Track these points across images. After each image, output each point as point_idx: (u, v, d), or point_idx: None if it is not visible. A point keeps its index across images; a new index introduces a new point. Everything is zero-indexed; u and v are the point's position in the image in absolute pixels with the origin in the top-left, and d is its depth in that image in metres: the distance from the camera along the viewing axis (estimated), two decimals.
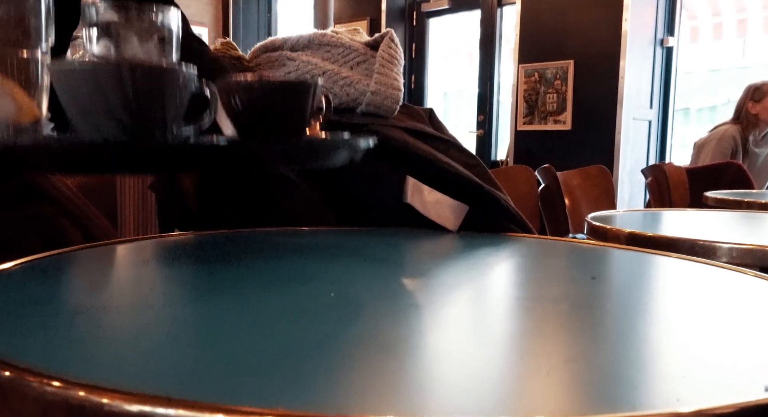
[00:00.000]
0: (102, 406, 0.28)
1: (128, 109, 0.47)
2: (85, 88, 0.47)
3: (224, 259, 0.65)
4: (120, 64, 0.47)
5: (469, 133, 5.06)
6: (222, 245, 0.74)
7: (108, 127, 0.48)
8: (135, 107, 0.48)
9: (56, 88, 0.48)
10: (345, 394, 0.31)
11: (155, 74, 0.49)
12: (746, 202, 1.87)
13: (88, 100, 0.47)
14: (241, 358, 0.36)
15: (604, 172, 2.66)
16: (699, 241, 0.99)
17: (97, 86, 0.46)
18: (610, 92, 4.12)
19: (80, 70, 0.47)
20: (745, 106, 3.25)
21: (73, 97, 0.48)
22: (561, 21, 4.30)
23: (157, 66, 0.50)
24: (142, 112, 0.48)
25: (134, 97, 0.47)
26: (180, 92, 0.50)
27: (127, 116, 0.48)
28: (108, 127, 0.48)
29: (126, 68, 0.47)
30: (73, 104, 0.48)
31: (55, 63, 0.48)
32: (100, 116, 0.48)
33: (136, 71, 0.47)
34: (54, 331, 0.39)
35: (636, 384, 0.34)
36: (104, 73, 0.47)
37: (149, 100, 0.49)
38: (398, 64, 1.05)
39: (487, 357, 0.38)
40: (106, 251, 0.68)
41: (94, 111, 0.48)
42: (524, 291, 0.58)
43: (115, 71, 0.47)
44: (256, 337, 0.40)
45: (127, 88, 0.47)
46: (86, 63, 0.48)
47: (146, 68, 0.49)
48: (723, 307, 0.55)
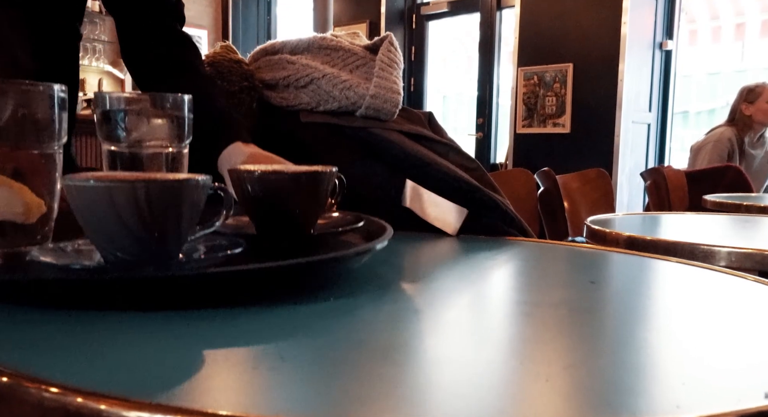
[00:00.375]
0: (100, 412, 0.28)
1: (143, 225, 0.47)
2: (99, 205, 0.46)
3: None
4: (135, 182, 0.46)
5: (469, 136, 5.06)
6: None
7: (121, 241, 0.47)
8: (150, 223, 0.47)
9: (70, 202, 0.47)
10: (343, 399, 0.31)
11: (170, 190, 0.48)
12: (745, 206, 1.88)
13: (102, 216, 0.47)
14: (239, 364, 0.36)
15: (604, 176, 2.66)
16: (698, 245, 0.99)
17: (111, 204, 0.46)
18: (609, 95, 4.13)
19: (94, 187, 0.46)
20: (739, 108, 3.25)
21: (86, 213, 0.47)
22: (560, 24, 4.31)
23: (172, 182, 0.49)
24: (157, 227, 0.48)
25: (149, 213, 0.46)
26: (195, 203, 0.49)
27: (142, 231, 0.47)
28: (121, 241, 0.47)
29: (141, 187, 0.46)
30: (86, 219, 0.48)
31: (68, 178, 0.47)
32: (113, 231, 0.47)
33: (151, 189, 0.46)
34: (52, 337, 0.39)
35: (636, 390, 0.34)
36: (119, 191, 0.46)
37: (165, 216, 0.48)
38: (398, 67, 1.05)
39: (487, 362, 0.37)
40: None
41: (107, 227, 0.47)
42: (523, 295, 0.58)
43: (130, 189, 0.46)
44: (254, 344, 0.40)
45: (141, 206, 0.46)
46: (101, 180, 0.46)
47: (161, 185, 0.48)
48: (722, 312, 0.55)
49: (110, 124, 0.62)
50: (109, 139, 0.63)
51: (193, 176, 0.49)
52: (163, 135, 0.64)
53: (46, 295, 0.45)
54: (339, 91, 1.00)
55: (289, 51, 1.08)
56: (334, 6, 3.99)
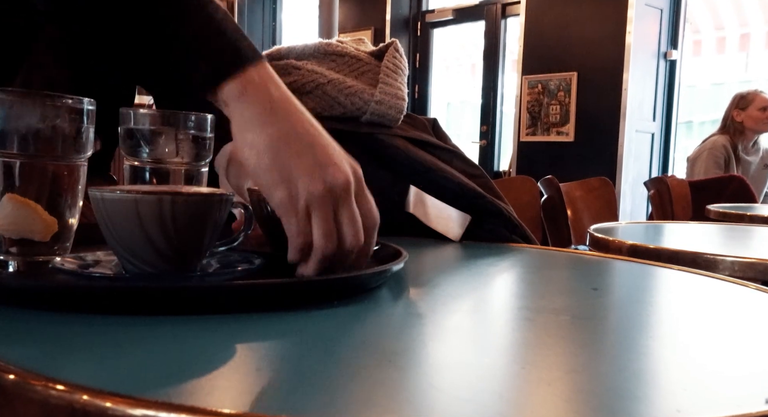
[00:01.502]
0: (106, 410, 0.28)
1: (166, 238, 0.48)
2: (124, 216, 0.47)
3: None
4: (161, 195, 0.47)
5: (472, 143, 5.07)
6: None
7: (143, 253, 0.48)
8: (173, 236, 0.48)
9: (95, 212, 0.48)
10: (346, 402, 0.31)
11: (195, 204, 0.49)
12: (748, 216, 1.88)
13: (126, 227, 0.47)
14: (243, 365, 0.36)
15: (607, 184, 2.66)
16: (701, 254, 0.99)
17: (135, 215, 0.47)
18: (613, 104, 4.14)
19: (120, 199, 0.47)
20: (731, 115, 3.26)
21: (111, 224, 0.48)
22: (565, 33, 4.32)
23: (197, 196, 0.49)
24: (180, 240, 0.48)
25: (173, 226, 0.47)
26: (218, 218, 0.50)
27: (164, 243, 0.48)
28: (143, 253, 0.48)
29: (167, 200, 0.47)
30: (110, 230, 0.48)
31: (94, 189, 0.47)
32: (136, 243, 0.48)
33: (176, 202, 0.47)
34: (58, 335, 0.40)
35: (637, 395, 0.34)
36: (144, 204, 0.47)
37: (188, 230, 0.49)
38: (403, 74, 1.06)
39: (489, 367, 0.38)
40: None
41: (130, 238, 0.48)
42: (525, 301, 0.58)
43: (155, 202, 0.47)
44: (258, 346, 0.40)
45: (165, 219, 0.47)
46: (128, 191, 0.47)
47: (186, 198, 0.48)
48: (724, 320, 0.55)
49: (133, 140, 0.63)
50: (131, 154, 0.64)
51: (217, 191, 0.50)
52: (184, 153, 0.65)
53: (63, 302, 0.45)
54: (344, 97, 1.01)
55: (295, 56, 1.08)
56: (340, 13, 4.01)
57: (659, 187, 2.73)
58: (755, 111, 3.20)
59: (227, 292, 0.47)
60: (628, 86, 4.08)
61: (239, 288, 0.48)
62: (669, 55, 4.30)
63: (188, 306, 0.45)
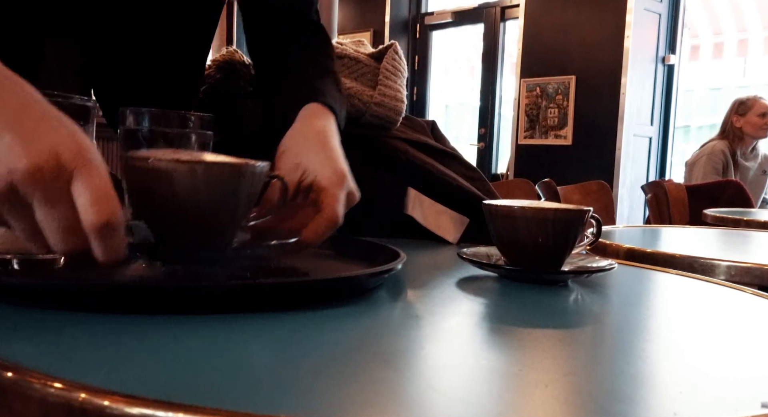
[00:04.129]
0: (103, 408, 0.28)
1: (200, 211, 0.45)
2: (157, 186, 0.44)
3: None
4: (195, 164, 0.44)
5: (470, 145, 5.08)
6: None
7: (176, 224, 0.45)
8: (207, 209, 0.45)
9: (126, 182, 0.46)
10: (344, 402, 0.31)
11: (230, 175, 0.46)
12: (745, 221, 1.88)
13: (156, 197, 0.45)
14: (242, 364, 0.36)
15: (604, 188, 2.67)
16: (698, 258, 0.99)
17: (169, 185, 0.44)
18: (611, 108, 4.15)
19: (153, 168, 0.44)
20: (730, 121, 3.27)
21: (142, 193, 0.45)
22: (563, 37, 4.33)
23: (232, 165, 0.46)
24: (214, 214, 0.46)
25: (207, 198, 0.45)
26: (254, 189, 0.48)
27: (198, 218, 0.45)
28: (176, 224, 0.45)
29: (201, 169, 0.44)
30: (140, 200, 0.46)
31: (127, 158, 0.45)
32: (168, 213, 0.45)
33: (211, 171, 0.44)
34: (56, 333, 0.40)
35: (634, 398, 0.34)
36: (178, 172, 0.44)
37: (222, 200, 0.46)
38: (402, 76, 1.06)
39: (486, 369, 0.38)
40: None
41: (162, 208, 0.45)
42: (523, 303, 0.58)
43: (188, 171, 0.44)
44: (257, 345, 0.40)
45: (200, 189, 0.44)
46: (161, 160, 0.44)
47: (221, 167, 0.45)
48: (721, 324, 0.55)
49: (133, 139, 0.63)
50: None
51: (253, 162, 0.47)
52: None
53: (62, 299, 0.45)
54: None
55: None
56: (339, 14, 4.01)
57: (656, 191, 2.74)
58: (754, 117, 3.21)
59: (226, 292, 0.47)
60: (626, 90, 4.09)
61: (237, 288, 0.48)
62: (667, 60, 4.31)
63: (187, 306, 0.45)
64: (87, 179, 0.40)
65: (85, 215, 0.40)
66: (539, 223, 0.62)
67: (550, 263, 0.64)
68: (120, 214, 0.41)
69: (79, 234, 0.41)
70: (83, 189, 0.40)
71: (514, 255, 0.65)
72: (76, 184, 0.40)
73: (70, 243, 0.41)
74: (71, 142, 0.41)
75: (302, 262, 0.61)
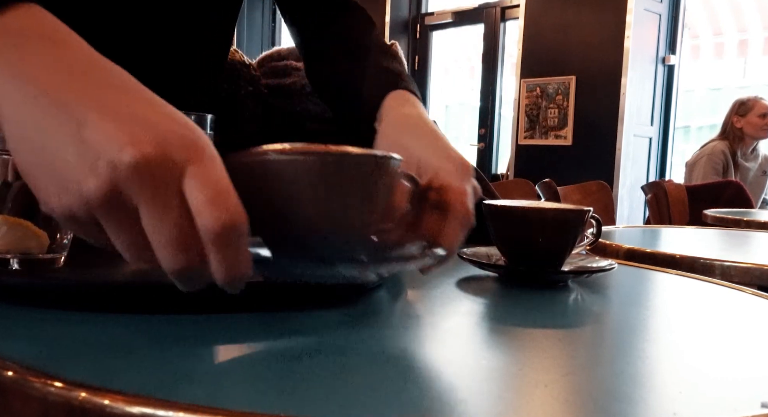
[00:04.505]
0: (104, 407, 0.28)
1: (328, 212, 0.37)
2: (278, 183, 0.36)
3: None
4: (324, 155, 0.36)
5: (470, 146, 5.08)
6: None
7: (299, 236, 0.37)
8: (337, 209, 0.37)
9: (233, 181, 0.35)
10: (344, 402, 0.31)
11: (366, 166, 0.37)
12: (745, 221, 1.88)
13: (279, 199, 0.36)
14: (241, 364, 0.36)
15: (604, 188, 2.67)
16: (698, 259, 0.99)
17: (292, 181, 0.36)
18: (612, 108, 4.15)
19: (275, 160, 0.36)
20: (731, 121, 3.27)
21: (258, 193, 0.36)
22: (564, 37, 4.33)
23: (367, 155, 0.38)
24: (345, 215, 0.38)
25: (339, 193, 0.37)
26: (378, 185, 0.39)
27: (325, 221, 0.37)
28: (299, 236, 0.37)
29: (332, 159, 0.36)
30: (255, 201, 0.36)
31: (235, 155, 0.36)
32: (290, 219, 0.37)
33: (345, 163, 0.36)
34: (57, 332, 0.40)
35: (634, 398, 0.34)
36: (304, 166, 0.36)
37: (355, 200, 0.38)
38: None
39: (486, 369, 0.38)
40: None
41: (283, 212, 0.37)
42: (523, 303, 0.58)
43: (318, 163, 0.36)
44: (258, 346, 0.40)
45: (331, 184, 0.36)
46: (282, 151, 0.36)
47: (356, 158, 0.37)
48: (721, 324, 0.55)
49: None
50: None
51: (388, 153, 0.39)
52: None
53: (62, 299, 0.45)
54: None
55: (295, 58, 1.09)
56: None
57: (656, 192, 2.74)
58: (755, 117, 3.21)
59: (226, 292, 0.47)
60: (626, 90, 4.09)
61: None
62: (667, 60, 4.31)
63: (188, 305, 0.45)
64: (203, 174, 0.32)
65: (201, 218, 0.32)
66: (539, 224, 0.62)
67: (550, 263, 0.64)
68: (244, 215, 0.33)
69: (195, 246, 0.33)
70: (199, 186, 0.32)
71: (514, 255, 0.65)
72: (190, 181, 0.32)
73: (183, 258, 0.33)
74: (181, 128, 0.33)
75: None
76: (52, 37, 0.35)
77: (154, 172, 0.31)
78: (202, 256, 0.33)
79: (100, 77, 0.34)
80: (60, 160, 0.32)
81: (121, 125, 0.31)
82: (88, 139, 0.31)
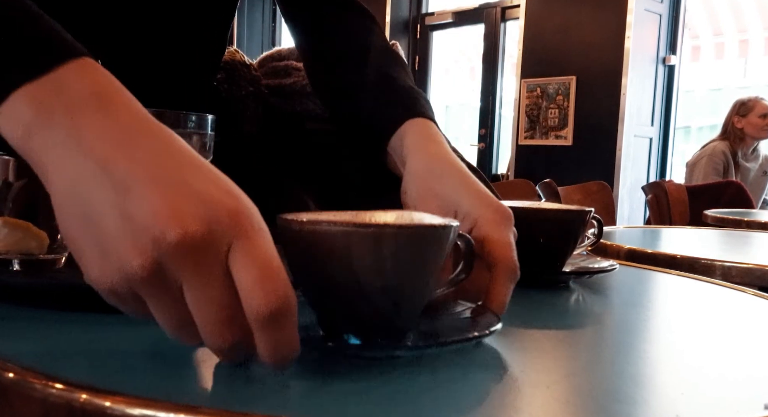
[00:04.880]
0: (104, 409, 0.28)
1: (383, 287, 0.35)
2: (327, 255, 0.35)
3: None
4: (380, 228, 0.34)
5: (471, 146, 5.08)
6: None
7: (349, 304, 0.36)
8: (392, 284, 0.35)
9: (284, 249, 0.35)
10: (345, 403, 0.31)
11: (422, 238, 0.36)
12: (746, 221, 1.88)
13: (331, 271, 0.35)
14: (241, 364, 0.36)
15: (605, 188, 2.67)
16: (698, 259, 0.99)
17: (345, 255, 0.34)
18: (612, 109, 4.15)
19: (325, 231, 0.34)
20: (731, 121, 3.27)
21: (305, 263, 0.36)
22: (564, 37, 4.33)
23: (425, 227, 0.36)
24: (400, 289, 0.36)
25: (394, 268, 0.35)
26: (442, 254, 0.37)
27: (381, 296, 0.36)
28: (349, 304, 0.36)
29: (389, 233, 0.34)
30: (304, 272, 0.36)
31: (289, 220, 0.35)
32: (340, 291, 0.36)
33: (400, 236, 0.34)
34: (57, 333, 0.40)
35: (636, 399, 0.34)
36: (357, 238, 0.34)
37: (410, 274, 0.36)
38: None
39: (486, 369, 0.38)
40: None
41: (334, 284, 0.35)
42: (524, 305, 0.58)
43: (373, 237, 0.34)
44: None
45: (385, 258, 0.34)
46: (332, 222, 0.34)
47: (413, 231, 0.35)
48: (722, 325, 0.55)
49: None
50: None
51: (446, 221, 0.37)
52: None
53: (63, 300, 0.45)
54: None
55: (296, 58, 1.08)
56: None
57: (657, 192, 2.74)
58: (756, 118, 3.21)
59: None
60: (626, 91, 4.09)
61: None
62: (668, 61, 4.31)
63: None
64: (250, 251, 0.30)
65: (248, 300, 0.30)
66: (540, 224, 0.62)
67: (551, 264, 0.64)
68: (294, 297, 0.31)
69: (240, 324, 0.31)
70: (246, 265, 0.30)
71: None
72: (236, 258, 0.30)
73: (227, 337, 0.31)
74: (229, 199, 0.32)
75: None
76: (103, 98, 0.34)
77: (199, 249, 0.30)
78: (247, 333, 0.31)
79: (147, 143, 0.33)
80: (103, 232, 0.31)
81: (166, 197, 0.30)
82: (133, 212, 0.30)
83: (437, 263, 0.37)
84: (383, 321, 0.37)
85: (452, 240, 0.38)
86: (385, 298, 0.36)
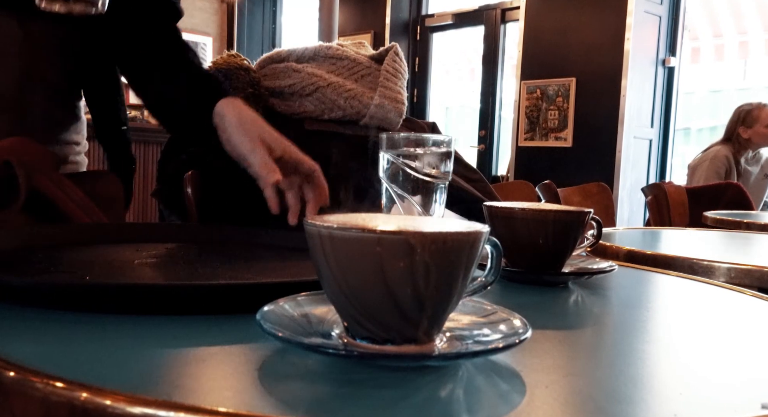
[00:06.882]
0: (105, 408, 0.28)
1: (414, 294, 0.35)
2: (357, 262, 0.35)
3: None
4: (411, 235, 0.34)
5: (471, 148, 5.08)
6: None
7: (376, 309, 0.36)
8: (422, 290, 0.35)
9: (311, 249, 0.37)
10: (345, 403, 0.31)
11: (453, 245, 0.36)
12: (745, 223, 1.88)
13: (361, 277, 0.35)
14: (243, 366, 0.36)
15: (605, 190, 2.67)
16: (698, 261, 0.99)
17: (374, 260, 0.34)
18: (612, 110, 4.15)
19: (356, 238, 0.35)
20: (737, 132, 3.25)
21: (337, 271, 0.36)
22: (564, 39, 4.34)
23: (455, 234, 0.36)
24: (430, 296, 0.36)
25: (423, 276, 0.35)
26: (473, 261, 0.37)
27: (410, 303, 0.35)
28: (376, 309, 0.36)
29: (418, 240, 0.34)
30: (335, 280, 0.36)
31: (310, 223, 0.37)
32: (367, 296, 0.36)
33: (432, 243, 0.34)
34: (58, 333, 0.40)
35: (634, 399, 0.34)
36: (389, 245, 0.34)
37: (440, 280, 0.36)
38: (402, 77, 1.06)
39: (486, 369, 0.38)
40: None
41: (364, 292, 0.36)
42: (524, 305, 0.58)
43: (404, 244, 0.34)
44: (258, 345, 0.41)
45: (416, 265, 0.34)
46: (363, 228, 0.35)
47: (444, 237, 0.35)
48: (721, 326, 0.55)
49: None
50: None
51: (478, 227, 0.38)
52: None
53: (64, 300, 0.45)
54: (344, 100, 1.01)
55: (295, 59, 1.09)
56: (339, 16, 4.01)
57: (657, 194, 2.74)
58: (762, 128, 3.20)
59: (226, 292, 0.47)
60: (626, 92, 4.09)
61: (238, 288, 0.48)
62: (667, 62, 4.31)
63: (188, 306, 0.45)
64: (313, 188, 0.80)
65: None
66: (540, 225, 0.62)
67: (550, 265, 0.64)
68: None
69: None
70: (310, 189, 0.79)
71: (514, 256, 0.65)
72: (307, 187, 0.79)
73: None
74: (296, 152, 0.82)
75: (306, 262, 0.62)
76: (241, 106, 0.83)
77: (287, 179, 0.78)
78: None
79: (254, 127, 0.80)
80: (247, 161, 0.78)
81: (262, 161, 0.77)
82: (252, 162, 0.77)
83: (468, 269, 0.37)
84: (412, 327, 0.37)
85: (482, 246, 0.38)
86: (414, 304, 0.36)
